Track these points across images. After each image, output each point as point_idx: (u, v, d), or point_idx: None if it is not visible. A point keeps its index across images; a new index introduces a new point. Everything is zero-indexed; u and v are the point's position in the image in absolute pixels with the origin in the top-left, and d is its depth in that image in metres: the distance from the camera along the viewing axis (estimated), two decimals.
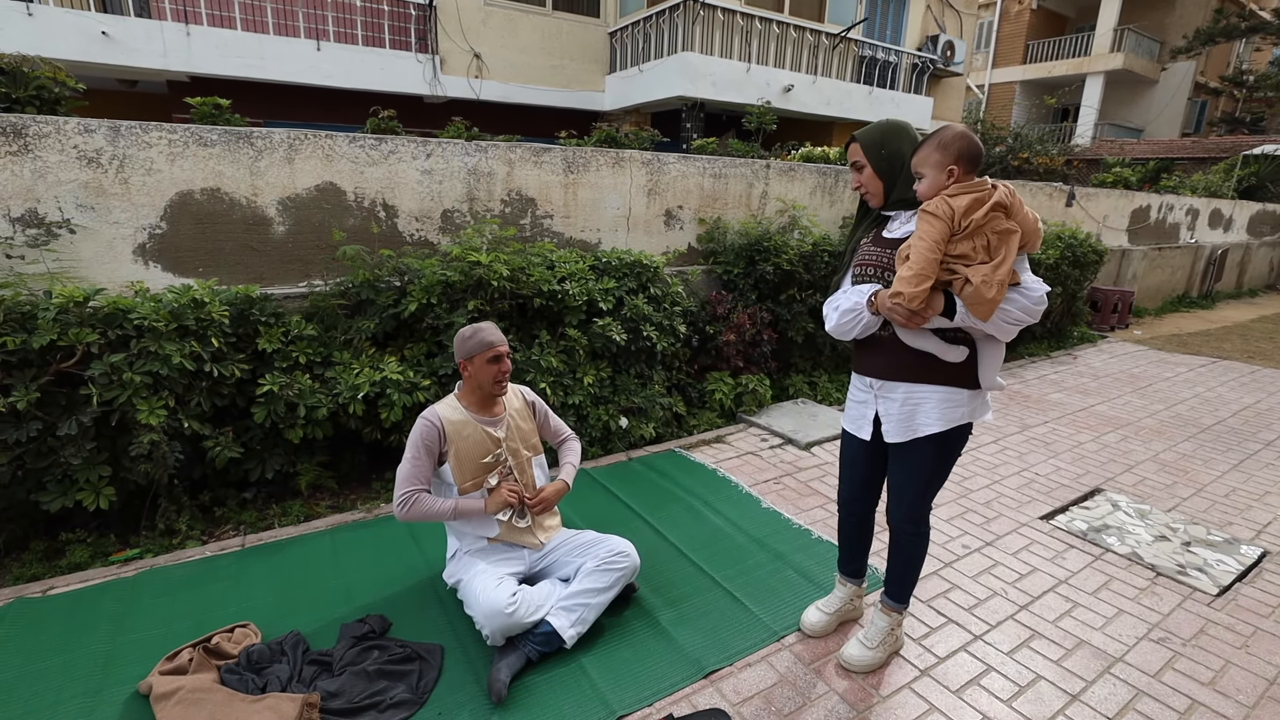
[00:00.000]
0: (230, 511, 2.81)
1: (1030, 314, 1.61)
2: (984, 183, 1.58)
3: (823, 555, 2.58)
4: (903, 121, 1.81)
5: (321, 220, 3.19)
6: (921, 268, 1.55)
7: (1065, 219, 7.33)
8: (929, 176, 1.61)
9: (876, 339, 1.80)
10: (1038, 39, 20.33)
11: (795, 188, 4.91)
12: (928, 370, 1.73)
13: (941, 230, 1.55)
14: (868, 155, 1.77)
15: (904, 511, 1.87)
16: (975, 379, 1.73)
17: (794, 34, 9.70)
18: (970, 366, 1.72)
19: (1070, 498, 3.21)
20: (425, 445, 2.03)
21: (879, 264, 1.75)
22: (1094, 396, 4.92)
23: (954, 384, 1.73)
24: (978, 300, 1.53)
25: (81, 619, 2.12)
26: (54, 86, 2.94)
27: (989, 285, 1.52)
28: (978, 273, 1.53)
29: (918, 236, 1.57)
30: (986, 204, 1.54)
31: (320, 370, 2.86)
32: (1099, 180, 9.70)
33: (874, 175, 1.78)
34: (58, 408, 2.38)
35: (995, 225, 1.55)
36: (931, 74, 12.06)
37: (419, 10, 8.71)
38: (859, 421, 1.91)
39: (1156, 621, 2.27)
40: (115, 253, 2.80)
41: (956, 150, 1.57)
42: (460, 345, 2.08)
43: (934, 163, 1.60)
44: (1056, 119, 19.61)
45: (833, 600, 2.17)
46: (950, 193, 1.57)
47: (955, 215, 1.54)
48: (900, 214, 1.79)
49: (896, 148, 1.75)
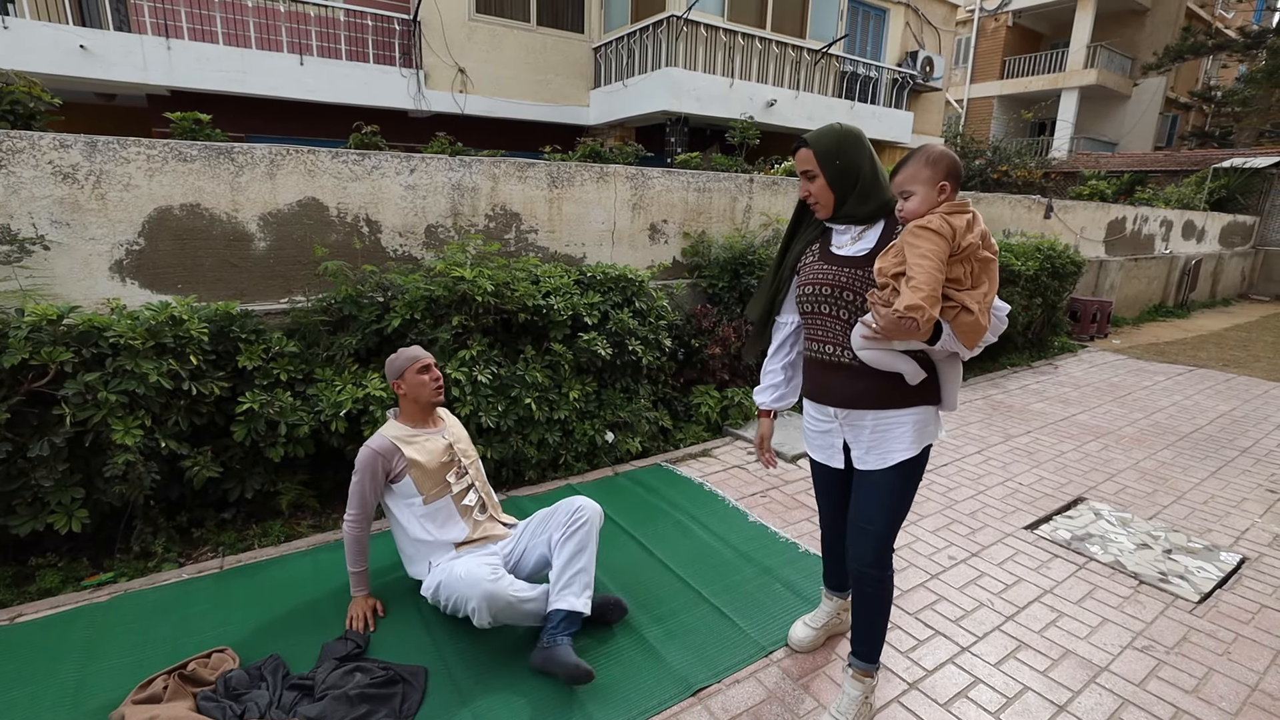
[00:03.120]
0: (209, 532, 2.76)
1: (996, 333, 1.59)
2: (967, 204, 1.54)
3: (810, 569, 2.58)
4: (856, 129, 1.67)
5: (304, 236, 3.17)
6: (934, 288, 1.44)
7: (1044, 231, 7.47)
8: (920, 194, 1.53)
9: (836, 365, 1.69)
10: (1014, 55, 20.85)
11: (778, 201, 4.96)
12: (895, 394, 1.64)
13: (943, 249, 1.46)
14: (821, 164, 1.63)
15: (871, 553, 1.73)
16: (938, 396, 1.68)
17: (776, 50, 9.86)
18: (933, 385, 1.67)
19: (1054, 507, 3.24)
20: (370, 470, 2.13)
21: (837, 283, 1.64)
22: (1075, 406, 5.00)
23: (921, 403, 1.66)
24: (974, 330, 1.47)
25: (51, 647, 2.06)
26: (29, 101, 2.91)
27: (985, 313, 1.47)
28: (974, 299, 1.47)
29: (921, 255, 1.45)
30: (978, 228, 1.49)
31: (302, 387, 2.83)
32: (1076, 193, 9.93)
33: (826, 186, 1.64)
34: (29, 428, 2.33)
35: (978, 253, 1.50)
36: (911, 89, 12.30)
37: (403, 25, 8.74)
38: (828, 451, 1.82)
39: (1140, 630, 2.29)
40: (91, 269, 2.76)
41: (946, 167, 1.52)
42: (391, 368, 2.24)
43: (924, 179, 1.53)
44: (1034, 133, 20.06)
45: (819, 615, 2.16)
46: (947, 211, 1.50)
47: (956, 234, 1.47)
48: (850, 228, 1.69)
49: (852, 159, 1.62)
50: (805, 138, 1.65)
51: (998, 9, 20.37)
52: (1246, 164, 12.76)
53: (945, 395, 1.68)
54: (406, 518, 2.21)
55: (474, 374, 3.01)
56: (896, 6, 12.23)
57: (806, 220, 1.80)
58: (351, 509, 2.14)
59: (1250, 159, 13.03)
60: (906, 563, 2.69)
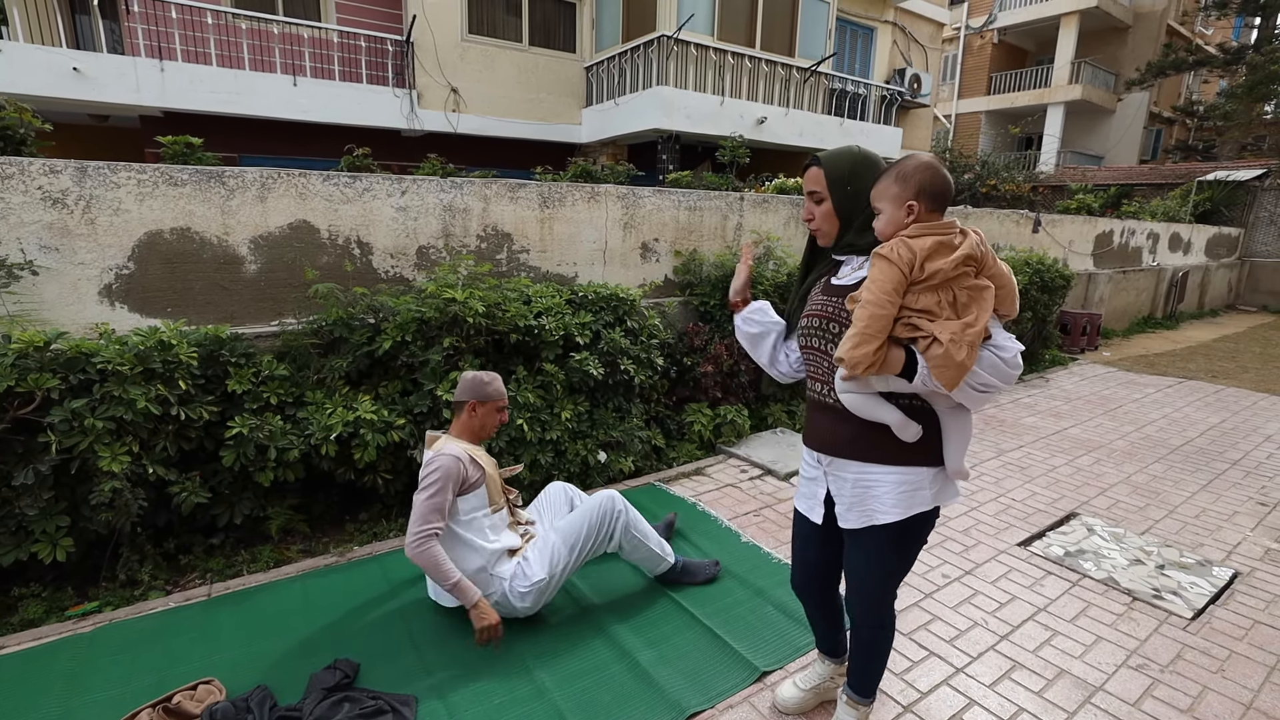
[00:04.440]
0: (197, 559, 2.72)
1: (1003, 378, 1.35)
2: (950, 225, 1.36)
3: None
4: (875, 155, 1.53)
5: (294, 258, 3.17)
6: (865, 325, 1.30)
7: (1032, 245, 7.55)
8: (885, 212, 1.39)
9: (824, 405, 1.56)
10: (1000, 71, 21.21)
11: (769, 219, 5.00)
12: (881, 447, 1.46)
13: (895, 278, 1.31)
14: (831, 187, 1.50)
15: (864, 605, 1.64)
16: (939, 455, 1.47)
17: (766, 68, 9.99)
18: (933, 443, 1.46)
19: (1047, 523, 3.25)
20: (454, 481, 2.13)
21: (825, 314, 1.51)
22: (1066, 419, 5.02)
23: (914, 463, 1.46)
24: (946, 363, 1.28)
25: (33, 680, 2.02)
26: (19, 126, 2.91)
27: (959, 345, 1.27)
28: (947, 330, 1.29)
29: (867, 286, 1.34)
30: (956, 253, 1.31)
31: (292, 411, 2.82)
32: (1063, 206, 10.06)
33: (832, 212, 1.52)
34: (13, 456, 2.30)
35: (966, 281, 1.33)
36: (900, 105, 12.48)
37: (396, 46, 8.82)
38: (810, 501, 1.68)
39: (1134, 648, 2.29)
40: (80, 294, 2.75)
41: (918, 183, 1.35)
42: (478, 388, 2.28)
43: (891, 196, 1.38)
44: (1021, 147, 20.35)
45: (811, 676, 1.97)
46: (910, 234, 1.34)
47: (915, 260, 1.31)
48: (852, 259, 1.56)
49: (864, 185, 1.48)
50: (819, 156, 1.53)
51: (983, 27, 20.75)
52: (1230, 177, 12.97)
53: (949, 456, 1.46)
54: (472, 531, 2.21)
55: None
56: (884, 25, 12.44)
57: (819, 253, 1.67)
58: (431, 524, 2.06)
59: (1233, 172, 13.25)
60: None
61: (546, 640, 2.23)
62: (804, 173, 1.57)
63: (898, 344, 1.36)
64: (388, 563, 2.72)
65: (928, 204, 1.36)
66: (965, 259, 1.32)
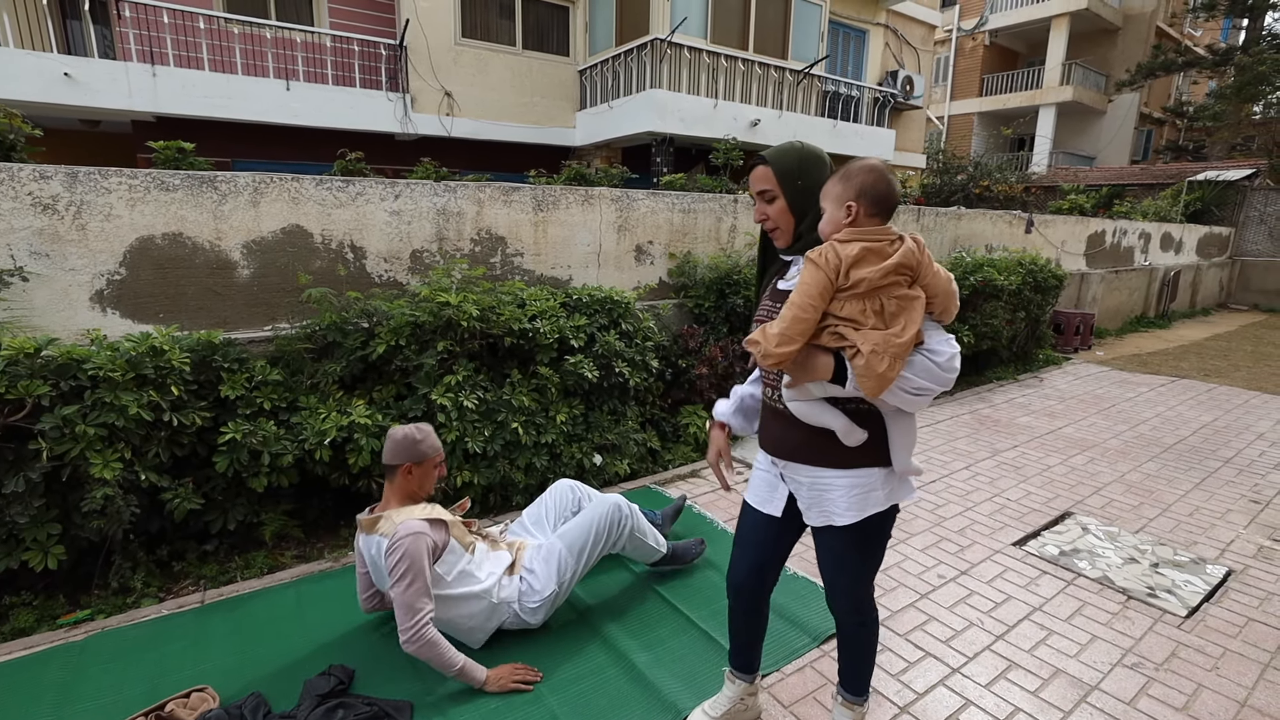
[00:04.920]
0: (190, 566, 2.71)
1: (938, 381, 1.34)
2: (886, 232, 1.34)
3: (798, 592, 2.56)
4: (819, 149, 1.53)
5: (287, 263, 3.16)
6: (787, 326, 1.29)
7: (1025, 245, 7.59)
8: (827, 211, 1.39)
9: (775, 410, 1.54)
10: (992, 73, 21.34)
11: None
12: (829, 452, 1.45)
13: (820, 283, 1.29)
14: (782, 184, 1.48)
15: (844, 603, 1.62)
16: (886, 457, 1.46)
17: (759, 71, 10.02)
18: (879, 445, 1.45)
19: (1041, 522, 3.26)
20: (427, 557, 1.96)
21: (770, 320, 1.46)
22: (1060, 419, 5.04)
23: (864, 464, 1.45)
24: (867, 374, 1.28)
25: (24, 690, 2.00)
26: (9, 132, 2.90)
27: (880, 357, 1.26)
28: (868, 340, 1.28)
29: (795, 288, 1.32)
30: (886, 262, 1.29)
31: (286, 416, 2.81)
32: (1056, 207, 10.11)
33: (786, 209, 1.49)
34: (4, 463, 2.28)
35: (895, 290, 1.31)
36: (893, 107, 12.53)
37: (389, 50, 8.82)
38: (768, 495, 1.65)
39: (1129, 646, 2.30)
40: (71, 300, 2.74)
41: (859, 184, 1.34)
42: (411, 448, 2.04)
43: (833, 195, 1.37)
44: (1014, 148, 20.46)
45: (721, 701, 1.85)
46: (841, 238, 1.33)
47: (841, 266, 1.29)
48: (799, 260, 1.49)
49: (815, 180, 1.47)
50: (764, 155, 1.51)
51: (975, 29, 20.88)
52: (1220, 177, 13.07)
53: (895, 456, 1.46)
54: (463, 584, 2.09)
55: (460, 399, 2.99)
56: (875, 28, 12.51)
57: (772, 254, 1.66)
58: (421, 611, 1.90)
59: (1223, 172, 13.35)
60: (896, 582, 2.68)
61: (542, 645, 2.22)
62: (750, 173, 1.55)
63: (827, 351, 1.35)
64: None
65: (867, 207, 1.34)
66: (896, 268, 1.30)
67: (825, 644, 2.27)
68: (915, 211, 6.36)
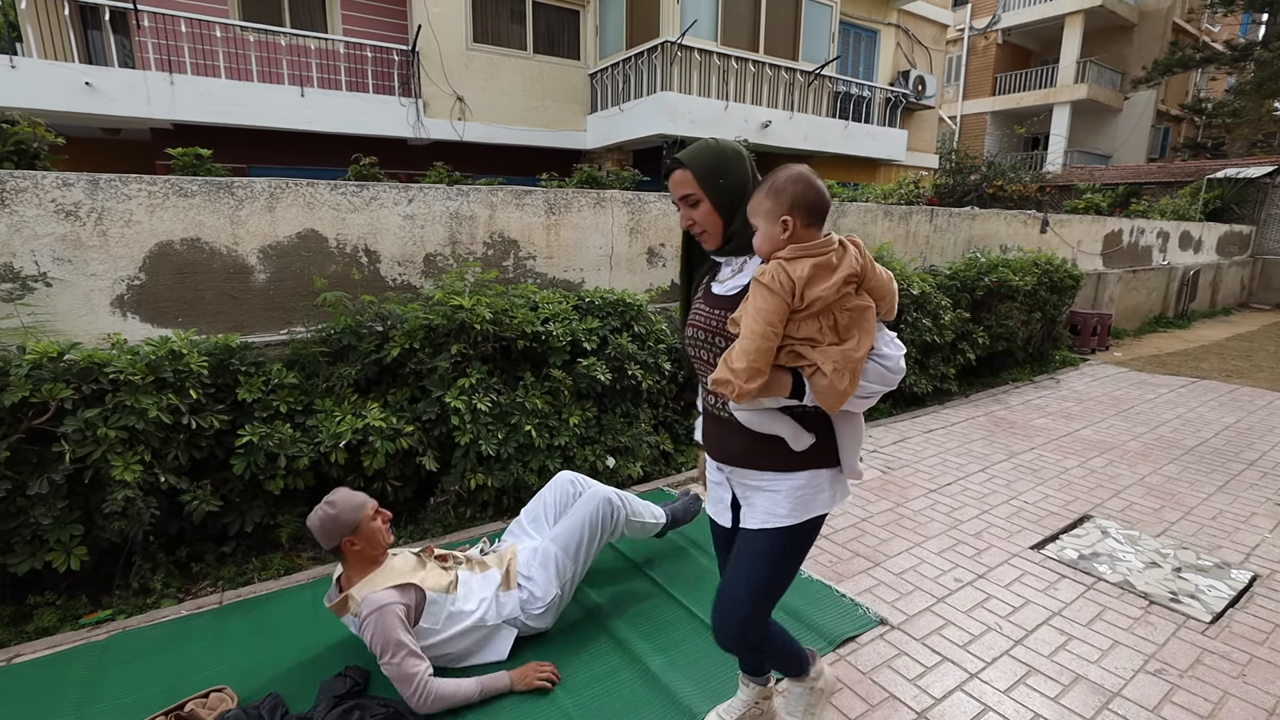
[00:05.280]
0: (208, 567, 2.74)
1: (887, 383, 1.36)
2: (828, 242, 1.29)
3: (814, 595, 2.55)
4: (736, 144, 1.46)
5: (303, 267, 3.19)
6: (753, 359, 1.24)
7: (1040, 245, 7.50)
8: (761, 228, 1.32)
9: (718, 418, 1.50)
10: (1005, 72, 21.17)
11: None
12: (775, 455, 1.42)
13: (777, 308, 1.24)
14: (703, 185, 1.40)
15: (735, 625, 1.49)
16: (834, 458, 1.45)
17: (769, 72, 10.01)
18: (827, 446, 1.43)
19: (1060, 526, 3.21)
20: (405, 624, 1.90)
21: (709, 328, 1.44)
22: (1078, 421, 4.97)
23: (812, 466, 1.43)
24: (829, 392, 1.27)
25: (48, 688, 2.03)
26: (33, 141, 2.96)
27: (841, 374, 1.25)
28: (828, 358, 1.26)
29: (749, 316, 1.26)
30: (836, 275, 1.26)
31: (301, 419, 2.83)
32: (1071, 206, 10.00)
33: (712, 210, 1.42)
34: (28, 466, 2.32)
35: (847, 303, 1.28)
36: (905, 107, 12.46)
37: (402, 56, 8.90)
38: (718, 506, 1.63)
39: (1152, 652, 2.26)
40: (92, 305, 2.78)
41: (790, 197, 1.28)
42: (334, 525, 1.93)
43: (765, 211, 1.30)
44: (1028, 147, 20.29)
45: (735, 705, 1.85)
46: (787, 256, 1.27)
47: (795, 289, 1.24)
48: (732, 260, 1.47)
49: (737, 177, 1.41)
50: (679, 157, 1.42)
51: (987, 28, 20.73)
52: (1240, 174, 12.86)
53: (844, 458, 1.45)
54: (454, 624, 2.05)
55: (473, 402, 3.01)
56: (887, 28, 12.45)
57: (697, 252, 1.58)
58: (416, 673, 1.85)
59: (1243, 169, 13.14)
60: (912, 585, 2.66)
61: (557, 648, 2.22)
62: (666, 178, 1.45)
63: (784, 369, 1.31)
64: None
65: (803, 218, 1.28)
66: (846, 279, 1.26)
67: (841, 648, 2.25)
68: (929, 212, 6.31)
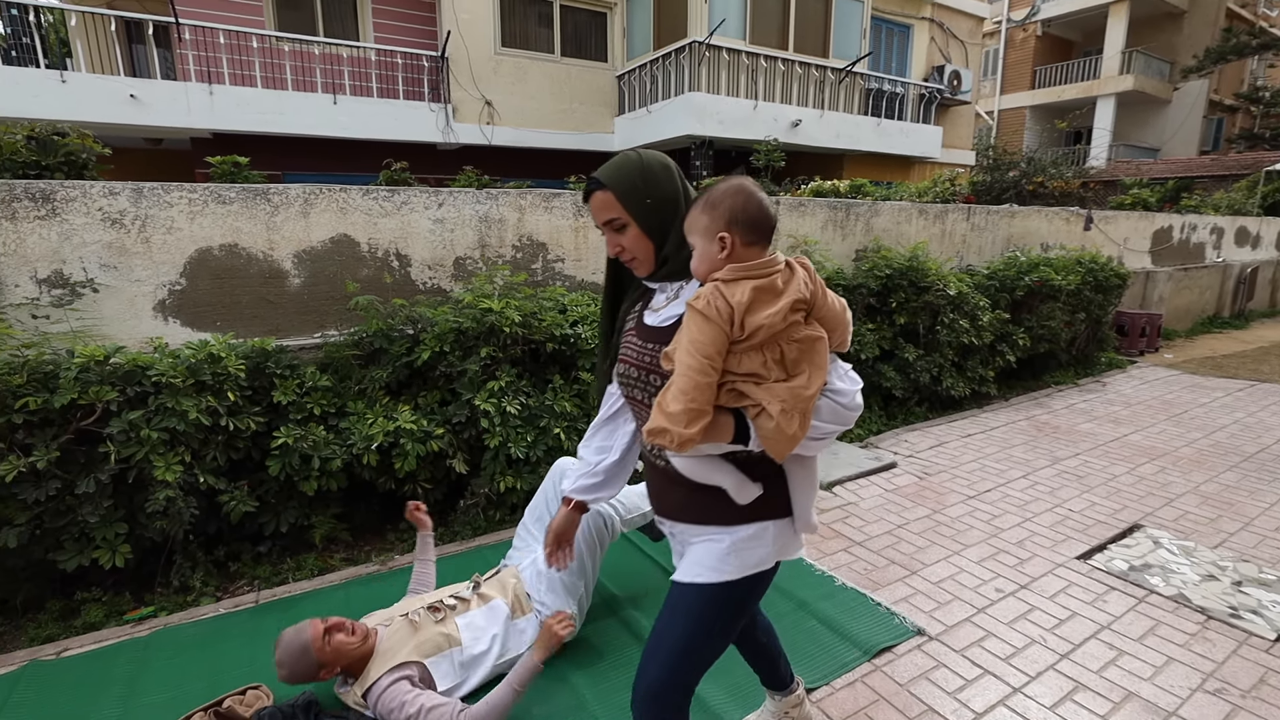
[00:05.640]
0: (245, 566, 2.81)
1: (843, 422, 1.20)
2: (770, 263, 1.13)
3: (848, 604, 2.50)
4: (658, 155, 1.31)
5: (336, 271, 3.26)
6: (691, 399, 1.07)
7: (1084, 243, 7.28)
8: (698, 247, 1.17)
9: (655, 465, 1.35)
10: (1045, 64, 20.60)
11: (806, 222, 4.94)
12: (715, 508, 1.25)
13: (715, 339, 1.08)
14: (628, 207, 1.24)
15: (642, 689, 1.28)
16: (785, 506, 1.28)
17: (799, 70, 9.92)
18: (778, 495, 1.27)
19: (1108, 535, 3.10)
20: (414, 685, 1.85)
21: (642, 364, 1.29)
22: (1126, 425, 4.80)
23: (757, 518, 1.26)
24: (778, 436, 1.10)
25: (94, 682, 2.11)
26: (81, 152, 3.08)
27: (790, 417, 1.09)
28: (776, 399, 1.09)
29: (683, 349, 1.10)
30: (781, 300, 1.10)
31: (334, 421, 2.89)
32: (1117, 202, 9.68)
33: (641, 235, 1.26)
34: (76, 466, 2.42)
35: (795, 333, 1.11)
36: (939, 103, 12.22)
37: (431, 62, 9.07)
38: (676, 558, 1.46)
39: (1211, 670, 2.16)
40: (136, 310, 2.88)
41: (728, 210, 1.13)
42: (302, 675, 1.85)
43: (701, 229, 1.16)
44: (1069, 142, 19.69)
45: (764, 716, 1.84)
46: (725, 277, 1.12)
47: (735, 315, 1.08)
48: (667, 286, 1.32)
49: (666, 193, 1.26)
50: (598, 176, 1.26)
51: (1026, 19, 20.21)
52: None
53: (797, 508, 1.28)
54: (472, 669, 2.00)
55: (503, 405, 3.03)
56: (920, 22, 12.24)
57: (624, 276, 1.41)
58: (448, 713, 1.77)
59: None
60: (951, 595, 2.59)
61: (585, 652, 2.22)
62: (586, 201, 1.30)
63: (725, 410, 1.15)
64: None
65: (742, 235, 1.13)
66: (793, 305, 1.11)
67: (877, 658, 2.21)
68: (965, 210, 6.17)
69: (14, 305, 2.60)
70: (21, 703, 2.01)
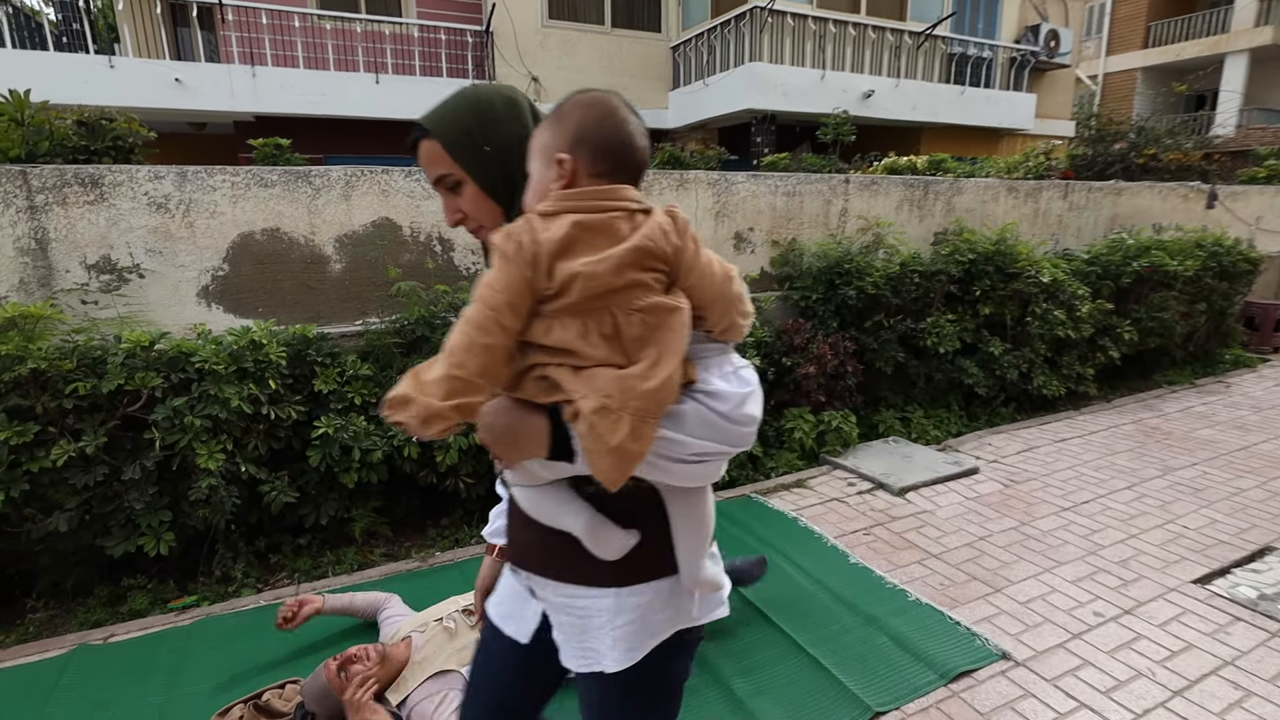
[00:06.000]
0: (285, 558, 2.95)
1: (726, 439, 0.89)
2: (612, 194, 0.88)
3: (923, 620, 2.43)
4: (501, 88, 1.06)
5: (377, 257, 3.37)
6: (459, 363, 0.81)
7: (1206, 223, 6.81)
8: (535, 172, 0.94)
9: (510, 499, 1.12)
10: (1161, 19, 19.32)
11: (878, 203, 4.80)
12: (579, 560, 0.98)
13: (511, 284, 0.82)
14: (460, 158, 0.99)
15: None
16: (670, 563, 1.00)
17: (873, 35, 9.63)
18: (657, 545, 0.99)
19: (1232, 557, 2.90)
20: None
21: None
22: (1256, 433, 4.48)
23: (639, 579, 0.99)
24: (596, 446, 0.82)
25: (139, 668, 2.26)
26: (128, 136, 3.28)
27: (613, 417, 0.80)
28: (595, 392, 0.82)
29: (472, 301, 0.86)
30: (615, 248, 0.84)
31: (376, 411, 2.99)
32: (1248, 175, 8.99)
33: (481, 194, 1.01)
34: (123, 452, 2.59)
35: (637, 298, 0.84)
36: (1034, 67, 11.64)
37: (475, 37, 9.23)
38: (513, 608, 1.17)
39: None
40: (180, 295, 3.05)
41: (576, 127, 0.89)
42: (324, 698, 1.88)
43: (539, 148, 0.93)
44: (1190, 108, 18.46)
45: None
46: (543, 209, 0.87)
47: (540, 255, 0.83)
48: None
49: (510, 134, 1.00)
50: (421, 122, 1.01)
51: None
52: None
53: (681, 557, 1.00)
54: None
55: None
56: None
57: None
58: None
59: None
60: (1041, 617, 2.48)
61: None
62: (413, 151, 1.03)
63: (538, 409, 0.88)
64: (468, 569, 2.82)
65: (588, 160, 0.89)
66: (636, 258, 0.84)
67: (955, 683, 2.13)
68: (1062, 187, 5.87)
69: (65, 290, 2.80)
70: (71, 686, 2.17)
